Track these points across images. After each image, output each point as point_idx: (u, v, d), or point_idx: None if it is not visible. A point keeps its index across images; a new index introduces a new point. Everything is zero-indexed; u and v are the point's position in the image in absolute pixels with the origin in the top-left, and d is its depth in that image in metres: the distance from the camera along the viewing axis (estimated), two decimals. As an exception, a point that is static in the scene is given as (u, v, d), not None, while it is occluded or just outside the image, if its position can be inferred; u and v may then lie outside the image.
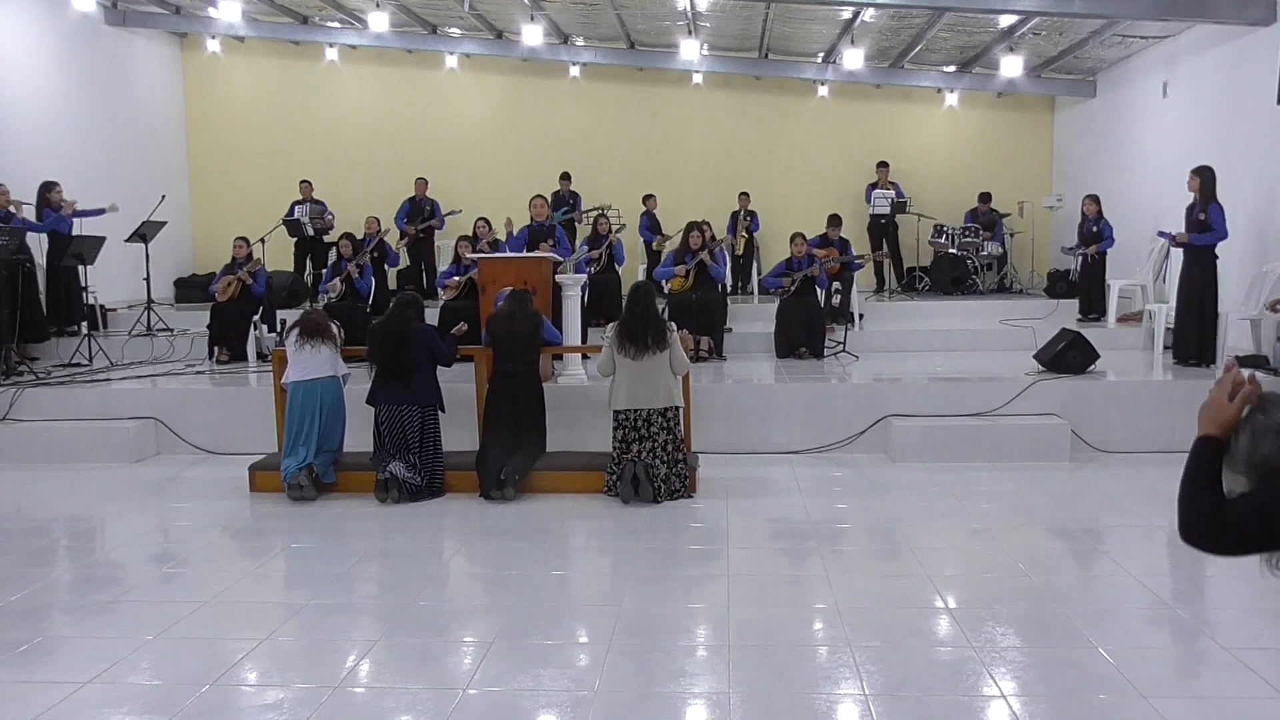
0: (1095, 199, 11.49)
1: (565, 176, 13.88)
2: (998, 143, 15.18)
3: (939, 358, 9.97)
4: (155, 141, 14.47)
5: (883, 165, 14.18)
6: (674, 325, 6.85)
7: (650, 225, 13.82)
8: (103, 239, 10.61)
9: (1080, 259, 11.51)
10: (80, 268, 10.59)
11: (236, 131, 15.37)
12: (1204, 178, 8.76)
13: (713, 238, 10.28)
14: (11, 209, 10.12)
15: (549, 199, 11.71)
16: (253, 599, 4.97)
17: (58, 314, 10.74)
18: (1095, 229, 11.35)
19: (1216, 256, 8.65)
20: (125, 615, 4.66)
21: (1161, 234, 9.66)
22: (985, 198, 14.08)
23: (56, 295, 10.71)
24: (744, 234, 13.75)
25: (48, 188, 10.62)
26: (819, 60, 14.50)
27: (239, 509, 6.61)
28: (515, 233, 10.96)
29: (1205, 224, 8.62)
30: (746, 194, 14.05)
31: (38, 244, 10.60)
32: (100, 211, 10.83)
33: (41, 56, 12.04)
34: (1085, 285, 11.57)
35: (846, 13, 11.85)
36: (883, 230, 13.91)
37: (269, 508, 6.59)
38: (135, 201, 12.17)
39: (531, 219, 10.70)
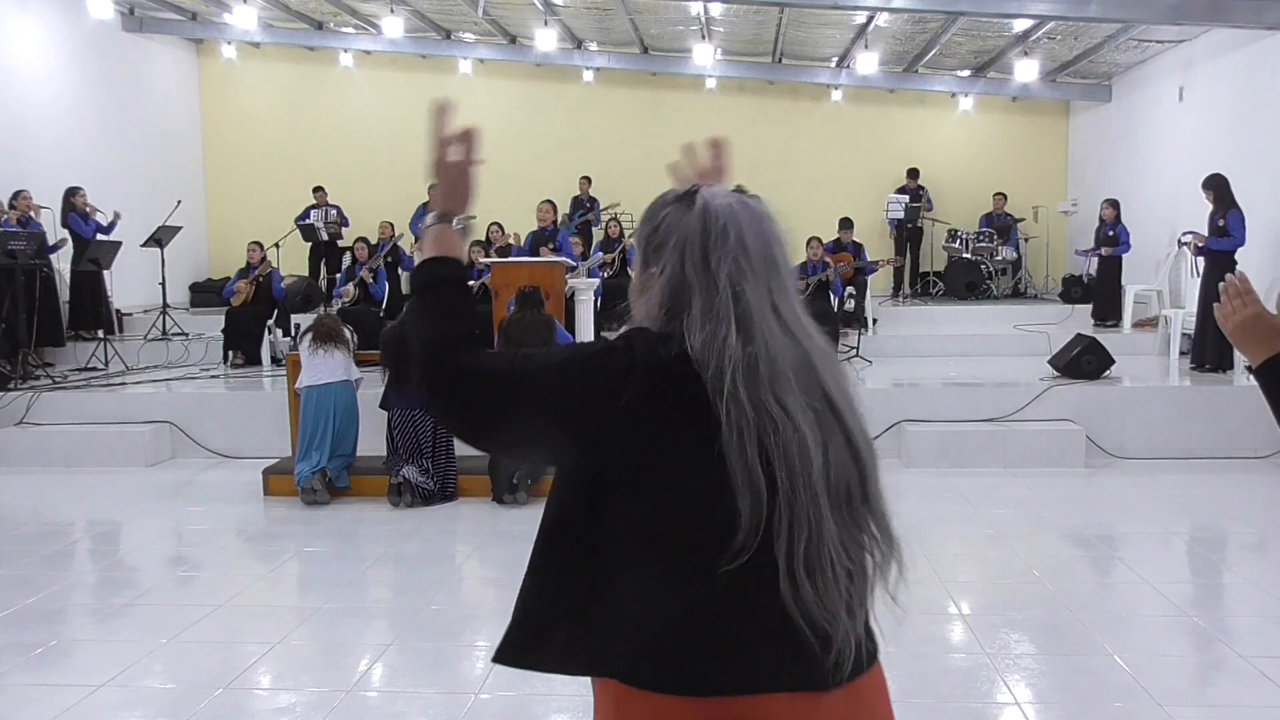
0: (1114, 203, 11.43)
1: (586, 180, 13.90)
2: (1013, 147, 15.12)
3: (953, 363, 9.93)
4: (171, 147, 14.55)
5: (912, 173, 14.21)
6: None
7: None
8: (119, 244, 10.67)
9: (1094, 260, 11.42)
10: (105, 274, 10.65)
11: (252, 136, 15.45)
12: (1217, 187, 8.73)
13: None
14: (31, 214, 10.17)
15: (554, 204, 11.70)
16: (266, 603, 4.98)
17: (83, 319, 10.79)
18: (1112, 233, 11.29)
19: (1235, 262, 8.60)
20: (140, 619, 4.68)
21: (1186, 234, 9.62)
22: (1002, 198, 14.05)
23: (81, 301, 10.78)
24: None
25: (72, 193, 10.66)
26: (833, 65, 14.48)
27: (253, 513, 6.64)
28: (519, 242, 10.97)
29: (1224, 230, 8.58)
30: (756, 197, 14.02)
31: (63, 252, 10.66)
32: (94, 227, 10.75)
33: (59, 63, 12.13)
34: (1099, 290, 11.51)
35: (860, 17, 11.82)
36: (907, 235, 13.91)
37: (283, 512, 6.61)
38: (151, 206, 12.24)
39: (538, 223, 10.70)
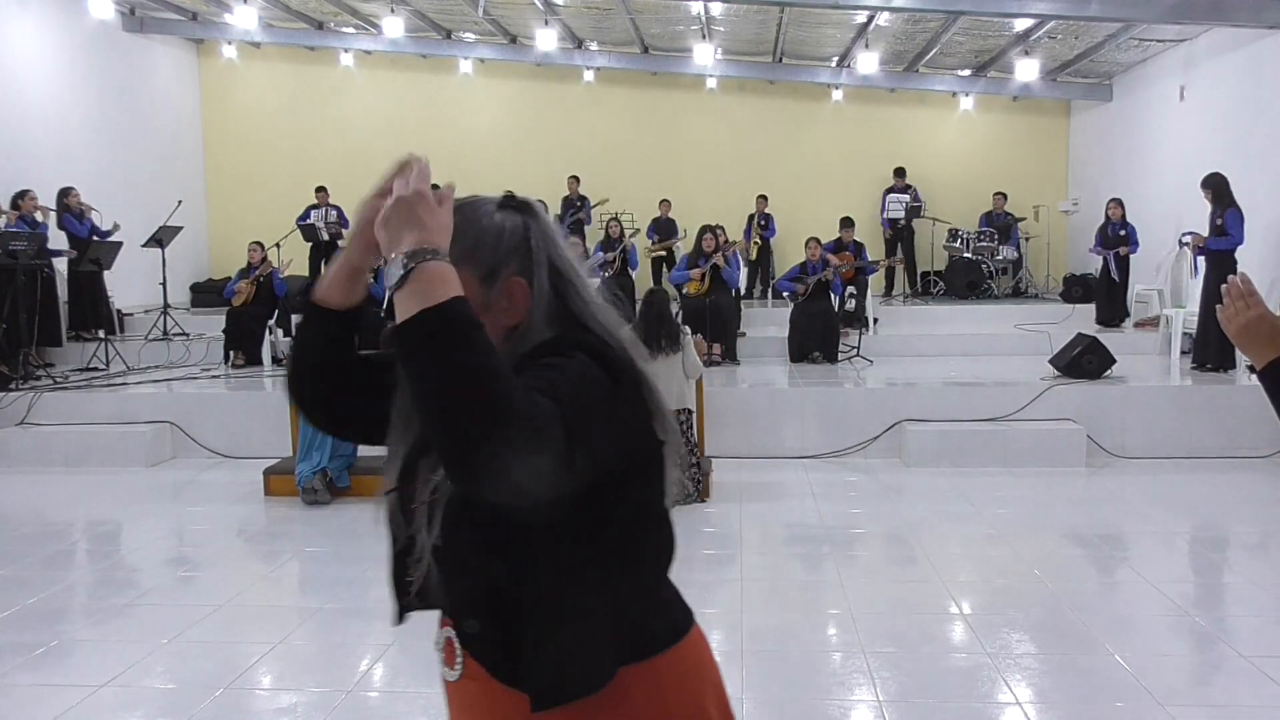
0: (1119, 202, 11.36)
1: (574, 179, 13.91)
2: (1013, 147, 15.12)
3: (954, 362, 9.93)
4: (172, 147, 14.56)
5: (899, 172, 14.19)
6: (688, 329, 6.85)
7: (656, 228, 13.51)
8: (119, 244, 10.68)
9: (1111, 258, 11.25)
10: (105, 274, 10.65)
11: (252, 137, 15.46)
12: (1215, 186, 8.72)
13: (727, 241, 10.26)
14: (37, 215, 10.19)
15: (544, 204, 11.70)
16: (267, 603, 4.98)
17: (83, 319, 10.80)
18: (1122, 232, 11.23)
19: (1235, 262, 8.59)
20: (141, 619, 4.68)
21: (1186, 234, 9.60)
22: (1002, 197, 14.02)
23: (81, 301, 10.78)
24: (757, 240, 13.77)
25: (65, 193, 10.70)
26: (833, 64, 14.48)
27: (254, 513, 6.64)
28: None
29: (1223, 230, 8.58)
30: (764, 197, 14.03)
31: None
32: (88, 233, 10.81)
33: (60, 64, 12.13)
34: (1107, 291, 11.35)
35: (861, 17, 11.82)
36: (898, 235, 13.88)
37: (283, 512, 6.61)
38: (152, 206, 12.25)
39: None
